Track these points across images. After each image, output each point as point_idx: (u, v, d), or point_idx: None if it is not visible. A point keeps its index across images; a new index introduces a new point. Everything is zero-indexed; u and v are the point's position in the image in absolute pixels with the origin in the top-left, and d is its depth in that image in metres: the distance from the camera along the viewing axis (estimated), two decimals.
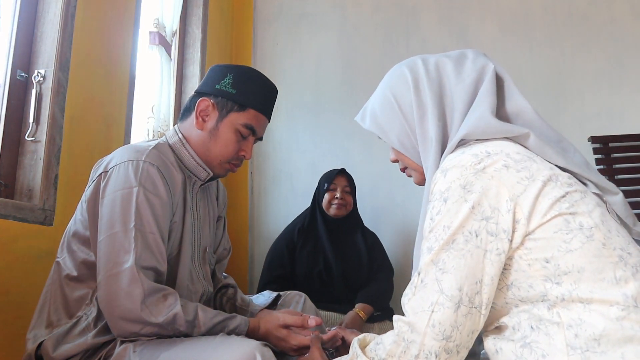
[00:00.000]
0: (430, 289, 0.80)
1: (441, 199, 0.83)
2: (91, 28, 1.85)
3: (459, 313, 0.78)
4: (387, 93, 1.02)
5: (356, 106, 2.94)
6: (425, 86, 0.96)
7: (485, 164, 0.82)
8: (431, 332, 0.78)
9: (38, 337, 1.12)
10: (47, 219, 1.60)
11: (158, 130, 2.33)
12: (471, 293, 0.79)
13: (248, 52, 3.11)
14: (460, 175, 0.82)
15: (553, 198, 0.80)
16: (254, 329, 1.19)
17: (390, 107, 1.00)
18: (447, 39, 2.82)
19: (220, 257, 1.46)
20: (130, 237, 1.07)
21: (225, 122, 1.25)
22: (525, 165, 0.83)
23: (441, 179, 0.85)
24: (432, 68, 0.98)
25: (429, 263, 0.81)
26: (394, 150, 1.05)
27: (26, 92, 1.67)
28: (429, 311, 0.79)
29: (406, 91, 0.98)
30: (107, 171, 1.16)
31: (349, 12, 3.01)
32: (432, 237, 0.82)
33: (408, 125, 0.98)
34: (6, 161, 1.60)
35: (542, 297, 0.79)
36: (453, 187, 0.82)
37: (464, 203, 0.80)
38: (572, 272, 0.77)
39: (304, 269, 2.22)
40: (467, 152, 0.86)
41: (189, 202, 1.26)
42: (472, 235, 0.79)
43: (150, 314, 1.04)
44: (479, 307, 0.79)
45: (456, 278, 0.79)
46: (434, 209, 0.84)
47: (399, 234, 2.64)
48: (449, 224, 0.81)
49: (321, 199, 2.32)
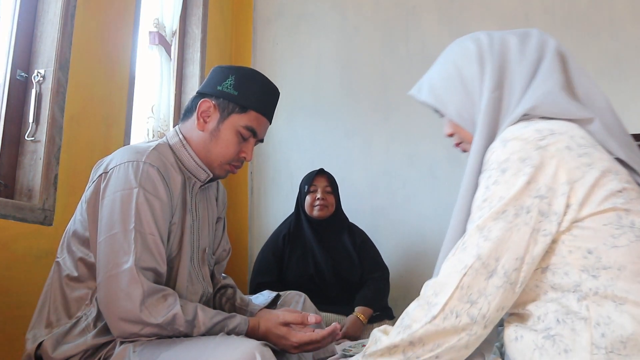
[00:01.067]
0: (469, 252, 0.80)
1: (499, 169, 0.82)
2: (91, 28, 1.85)
3: (491, 282, 0.78)
4: (449, 65, 1.01)
5: (356, 106, 2.96)
6: (489, 57, 0.95)
7: (548, 141, 0.81)
8: (458, 293, 0.79)
9: (37, 337, 1.12)
10: (46, 219, 1.60)
11: (158, 130, 2.33)
12: (509, 268, 0.78)
13: (248, 52, 3.11)
14: (521, 148, 0.81)
15: (609, 190, 0.79)
16: (253, 328, 1.19)
17: (451, 78, 0.99)
18: (447, 39, 2.80)
19: (220, 258, 1.46)
20: (130, 238, 1.07)
21: (226, 123, 1.25)
22: (587, 151, 0.81)
23: (500, 148, 0.83)
24: (497, 42, 0.96)
25: (475, 228, 0.81)
26: (450, 123, 1.02)
27: (26, 92, 1.67)
28: (460, 273, 0.79)
29: (469, 63, 0.97)
30: (107, 172, 1.16)
31: (348, 13, 3.01)
32: (486, 207, 0.82)
33: (468, 98, 0.96)
34: (6, 161, 1.61)
35: (574, 287, 0.78)
36: (512, 158, 0.81)
37: (522, 177, 0.79)
38: (612, 268, 0.76)
39: (295, 275, 2.21)
40: (530, 127, 0.84)
41: (188, 203, 1.26)
42: (523, 210, 0.78)
43: (149, 315, 1.04)
44: (514, 284, 0.79)
45: (496, 248, 0.78)
46: (490, 178, 0.83)
47: (398, 234, 2.64)
48: (504, 195, 0.80)
49: (303, 202, 2.31)
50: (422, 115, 2.73)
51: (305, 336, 1.17)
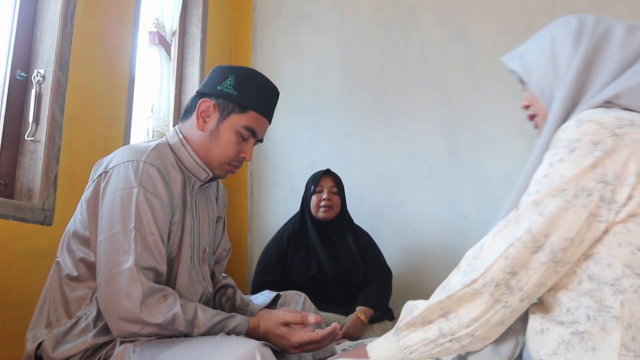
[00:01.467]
0: (521, 226, 0.79)
1: (568, 148, 0.80)
2: (91, 28, 1.85)
3: (535, 257, 0.78)
4: (545, 36, 0.99)
5: (356, 106, 2.96)
6: (586, 38, 0.92)
7: (626, 131, 0.78)
8: (501, 262, 0.78)
9: (37, 337, 1.12)
10: (46, 218, 1.60)
11: (158, 130, 2.34)
12: (557, 246, 0.77)
13: (247, 52, 3.11)
14: (595, 132, 0.79)
15: None
16: (253, 328, 1.19)
17: (543, 49, 0.97)
18: (447, 39, 2.82)
19: (220, 257, 1.46)
20: (130, 238, 1.07)
21: (226, 123, 1.25)
22: None
23: (573, 128, 0.81)
24: (602, 27, 0.93)
25: (531, 203, 0.80)
26: (528, 94, 1.01)
27: (26, 91, 1.67)
28: (508, 244, 0.79)
29: (566, 38, 0.95)
30: (107, 171, 1.16)
31: (348, 12, 3.01)
32: (545, 182, 0.80)
33: (554, 72, 0.94)
34: (6, 161, 1.61)
35: (613, 281, 0.76)
36: (584, 140, 0.79)
37: (589, 159, 0.77)
38: None
39: (297, 275, 2.21)
40: (610, 113, 0.81)
41: (188, 203, 1.26)
42: (583, 192, 0.77)
43: (149, 314, 1.04)
44: (557, 263, 0.78)
45: (548, 224, 0.77)
46: (557, 155, 0.81)
47: (398, 234, 2.64)
48: (566, 173, 0.78)
49: (309, 202, 2.29)
50: (422, 115, 2.74)
51: (305, 336, 1.17)
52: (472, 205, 2.53)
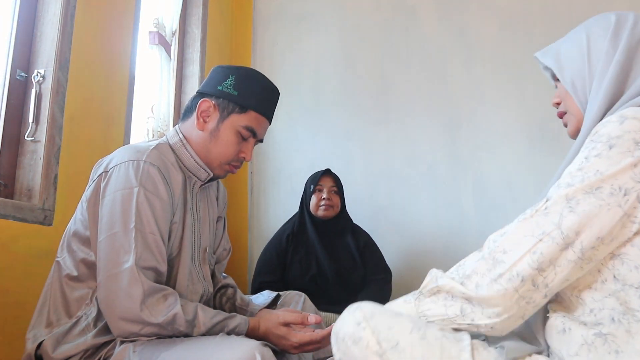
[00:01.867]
0: (550, 219, 0.77)
1: (607, 144, 0.78)
2: (91, 28, 1.85)
3: (565, 255, 0.76)
4: (581, 31, 0.97)
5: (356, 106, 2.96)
6: (625, 37, 0.90)
7: None
8: (529, 257, 0.76)
9: (38, 336, 1.12)
10: (46, 218, 1.60)
11: (158, 130, 2.34)
12: (587, 245, 0.75)
13: (247, 52, 3.11)
14: (638, 130, 0.77)
15: None
16: (253, 328, 1.19)
17: (578, 44, 0.96)
18: (447, 38, 2.82)
19: (220, 257, 1.46)
20: (130, 238, 1.07)
21: (226, 123, 1.25)
22: None
23: (615, 124, 0.79)
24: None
25: (562, 196, 0.78)
26: (561, 91, 1.00)
27: (26, 91, 1.67)
28: (536, 238, 0.77)
29: (603, 35, 0.93)
30: (108, 171, 1.16)
31: (348, 12, 3.01)
32: (579, 175, 0.78)
33: (588, 68, 0.92)
34: (6, 161, 1.60)
35: (639, 284, 0.75)
36: (626, 137, 0.77)
37: (629, 158, 0.75)
38: None
39: (297, 275, 2.21)
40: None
41: (189, 203, 1.26)
42: (620, 191, 0.75)
43: (150, 314, 1.04)
44: (586, 260, 0.76)
45: (580, 222, 0.75)
46: (594, 150, 0.79)
47: (398, 234, 2.64)
48: (602, 170, 0.76)
49: (309, 201, 2.30)
50: (421, 115, 2.74)
51: (306, 336, 1.17)
52: (472, 205, 2.53)
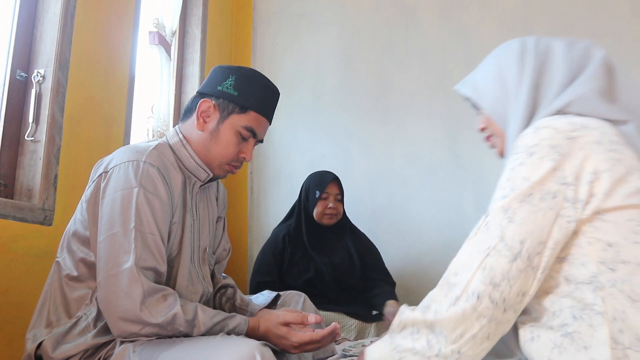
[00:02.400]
0: (492, 233, 0.80)
1: (526, 152, 0.83)
2: (91, 28, 1.85)
3: (514, 266, 0.78)
4: (492, 60, 1.05)
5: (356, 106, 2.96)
6: (530, 57, 0.97)
7: (580, 133, 0.82)
8: (480, 274, 0.78)
9: (37, 336, 1.12)
10: (46, 218, 1.60)
11: (158, 130, 2.34)
12: (532, 251, 0.78)
13: (248, 52, 3.11)
14: (551, 136, 0.82)
15: (635, 188, 0.79)
16: (253, 328, 1.19)
17: (492, 74, 1.02)
18: (447, 39, 2.82)
19: (220, 257, 1.46)
20: (130, 238, 1.07)
21: (226, 123, 1.25)
22: (617, 147, 0.82)
23: (531, 134, 0.85)
24: (543, 45, 0.99)
25: (499, 209, 0.81)
26: (484, 117, 1.06)
27: (26, 92, 1.67)
28: (484, 254, 0.79)
29: (511, 59, 1.00)
30: (108, 171, 1.16)
31: (348, 12, 3.01)
32: (509, 186, 0.82)
33: (504, 94, 0.99)
34: (6, 161, 1.61)
35: (590, 279, 0.78)
36: (542, 144, 0.82)
37: (548, 162, 0.80)
38: (630, 263, 0.77)
39: (294, 277, 2.20)
40: (564, 119, 0.85)
41: (188, 203, 1.26)
42: (548, 195, 0.79)
43: (149, 314, 1.04)
44: (535, 269, 0.79)
45: (521, 231, 0.78)
46: (516, 160, 0.84)
47: (398, 234, 2.64)
48: (528, 177, 0.81)
49: (310, 206, 2.28)
50: (421, 115, 2.74)
51: (306, 336, 1.17)
52: (472, 205, 2.53)
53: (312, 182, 2.34)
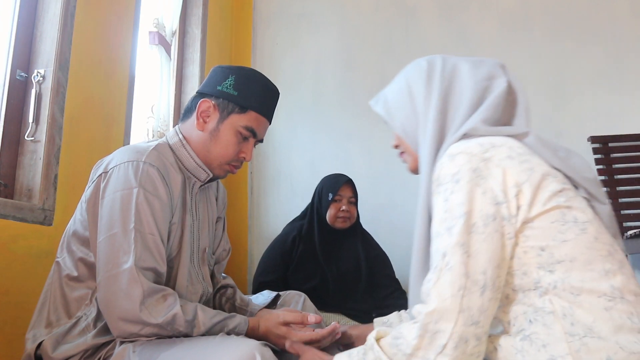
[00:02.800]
0: (457, 272, 0.80)
1: (453, 181, 0.85)
2: (91, 28, 1.85)
3: (485, 297, 0.79)
4: (402, 80, 1.07)
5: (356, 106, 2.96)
6: (437, 80, 1.00)
7: (491, 153, 0.86)
8: (462, 318, 0.78)
9: (37, 336, 1.12)
10: (46, 218, 1.60)
11: (158, 130, 2.34)
12: (494, 277, 0.81)
13: (248, 52, 3.11)
14: (468, 160, 0.86)
15: (551, 191, 0.84)
16: (253, 328, 1.19)
17: (402, 94, 1.05)
18: (447, 39, 2.82)
19: (220, 258, 1.46)
20: (129, 238, 1.07)
21: (225, 123, 1.25)
22: (526, 158, 0.87)
23: (448, 163, 0.88)
24: (449, 66, 1.03)
25: (455, 245, 0.81)
26: (396, 135, 1.09)
27: (26, 92, 1.67)
28: (459, 296, 0.79)
29: (419, 80, 1.03)
30: (107, 172, 1.16)
31: (348, 12, 3.01)
32: (450, 217, 0.84)
33: (414, 114, 1.02)
34: (6, 161, 1.60)
35: (534, 285, 0.82)
36: (463, 169, 0.85)
37: (476, 187, 0.83)
38: (565, 261, 0.81)
39: (299, 281, 2.16)
40: (473, 141, 0.89)
41: (188, 203, 1.26)
42: (489, 219, 0.82)
43: (149, 315, 1.04)
44: (497, 291, 0.81)
45: (480, 262, 0.80)
46: (447, 191, 0.86)
47: (398, 233, 2.64)
48: (463, 202, 0.83)
49: (324, 209, 2.22)
50: None
51: (305, 336, 1.17)
52: None
53: (325, 184, 2.28)
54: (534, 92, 2.70)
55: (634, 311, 0.78)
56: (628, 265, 0.85)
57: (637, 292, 0.81)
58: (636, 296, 0.80)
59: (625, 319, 0.77)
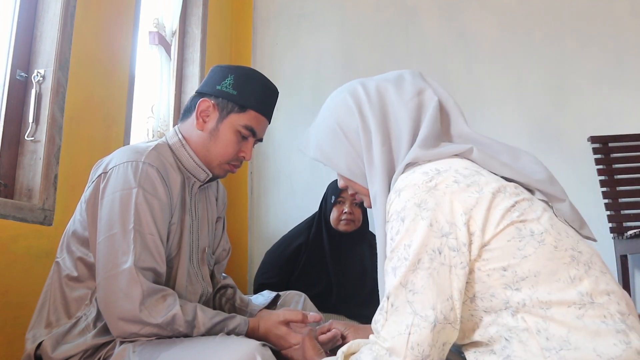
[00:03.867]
0: (403, 311, 0.80)
1: (398, 219, 0.84)
2: (91, 28, 1.85)
3: (436, 331, 0.79)
4: (331, 122, 1.02)
5: None
6: (369, 111, 0.97)
7: (437, 181, 0.84)
8: (410, 354, 0.78)
9: (37, 337, 1.12)
10: (46, 218, 1.60)
11: (158, 130, 2.34)
12: (445, 310, 0.79)
13: (247, 52, 3.11)
14: (413, 194, 0.84)
15: (503, 208, 0.82)
16: (253, 328, 1.19)
17: (335, 135, 1.00)
18: (447, 38, 2.82)
19: (219, 257, 1.46)
20: (129, 238, 1.07)
21: (225, 123, 1.25)
22: (474, 179, 0.85)
23: (396, 199, 0.86)
24: (374, 93, 0.99)
25: (398, 286, 0.81)
26: (342, 177, 1.04)
27: (26, 92, 1.67)
28: (405, 334, 0.79)
29: (350, 118, 0.99)
30: (107, 172, 1.16)
31: (348, 12, 3.01)
32: (395, 257, 0.83)
33: (355, 152, 0.99)
34: (6, 161, 1.60)
35: (504, 305, 0.81)
36: (408, 206, 0.83)
37: (421, 221, 0.82)
38: (529, 277, 0.80)
39: (303, 286, 2.15)
40: (417, 171, 0.87)
41: (187, 203, 1.26)
42: (435, 253, 0.80)
43: (149, 315, 1.04)
44: (453, 323, 0.81)
45: (428, 298, 0.79)
46: (393, 229, 0.85)
47: None
48: (409, 243, 0.82)
49: (328, 213, 2.19)
50: None
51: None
52: None
53: (329, 188, 2.26)
54: (534, 92, 2.70)
55: (606, 313, 0.77)
56: (597, 263, 0.83)
57: (609, 290, 0.80)
58: (608, 294, 0.79)
59: (600, 324, 0.76)
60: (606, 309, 0.78)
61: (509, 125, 2.64)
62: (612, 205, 2.48)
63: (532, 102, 2.66)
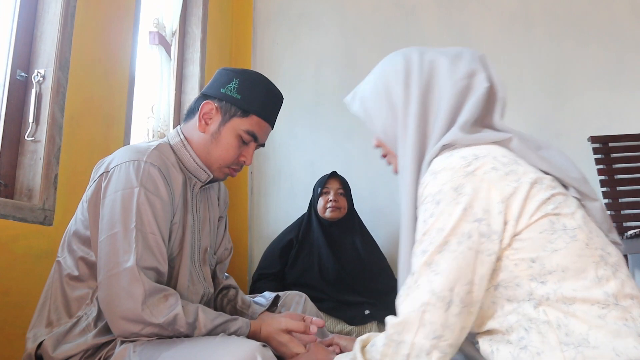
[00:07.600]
0: (423, 289, 0.81)
1: (433, 202, 0.84)
2: (91, 28, 1.85)
3: (450, 313, 0.80)
4: (378, 80, 1.03)
5: None
6: (416, 80, 0.97)
7: (475, 166, 0.84)
8: (422, 331, 0.80)
9: (38, 336, 1.12)
10: (46, 218, 1.60)
11: (158, 130, 2.34)
12: (463, 293, 0.80)
13: (248, 52, 3.11)
14: (450, 178, 0.84)
15: (539, 200, 0.82)
16: (255, 331, 1.19)
17: (379, 95, 1.01)
18: (447, 39, 2.82)
19: (221, 257, 1.46)
20: (130, 238, 1.07)
21: (227, 126, 1.25)
22: (512, 168, 0.85)
23: (432, 181, 0.86)
24: (427, 63, 0.99)
25: (423, 265, 0.82)
26: (376, 136, 1.06)
27: (26, 92, 1.67)
28: (420, 311, 0.80)
29: (396, 82, 0.99)
30: (109, 171, 1.15)
31: (348, 12, 3.01)
32: (427, 240, 0.83)
33: (393, 116, 0.99)
34: (6, 161, 1.60)
35: (528, 296, 0.81)
36: (445, 189, 0.83)
37: (456, 205, 0.82)
38: (556, 271, 0.80)
39: (297, 274, 2.24)
40: (455, 155, 0.87)
41: (189, 203, 1.26)
42: (464, 236, 0.81)
43: (151, 314, 1.04)
44: (469, 306, 0.81)
45: (448, 279, 0.80)
46: (427, 212, 0.85)
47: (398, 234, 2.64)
48: (442, 227, 0.82)
49: (316, 204, 2.35)
50: None
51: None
52: None
53: (316, 182, 2.42)
54: (534, 92, 2.70)
55: (628, 316, 0.77)
56: (623, 267, 0.83)
57: (634, 295, 0.80)
58: (632, 299, 0.79)
59: (621, 325, 0.76)
60: (629, 312, 0.78)
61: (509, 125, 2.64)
62: (612, 205, 2.48)
63: (532, 102, 2.66)
